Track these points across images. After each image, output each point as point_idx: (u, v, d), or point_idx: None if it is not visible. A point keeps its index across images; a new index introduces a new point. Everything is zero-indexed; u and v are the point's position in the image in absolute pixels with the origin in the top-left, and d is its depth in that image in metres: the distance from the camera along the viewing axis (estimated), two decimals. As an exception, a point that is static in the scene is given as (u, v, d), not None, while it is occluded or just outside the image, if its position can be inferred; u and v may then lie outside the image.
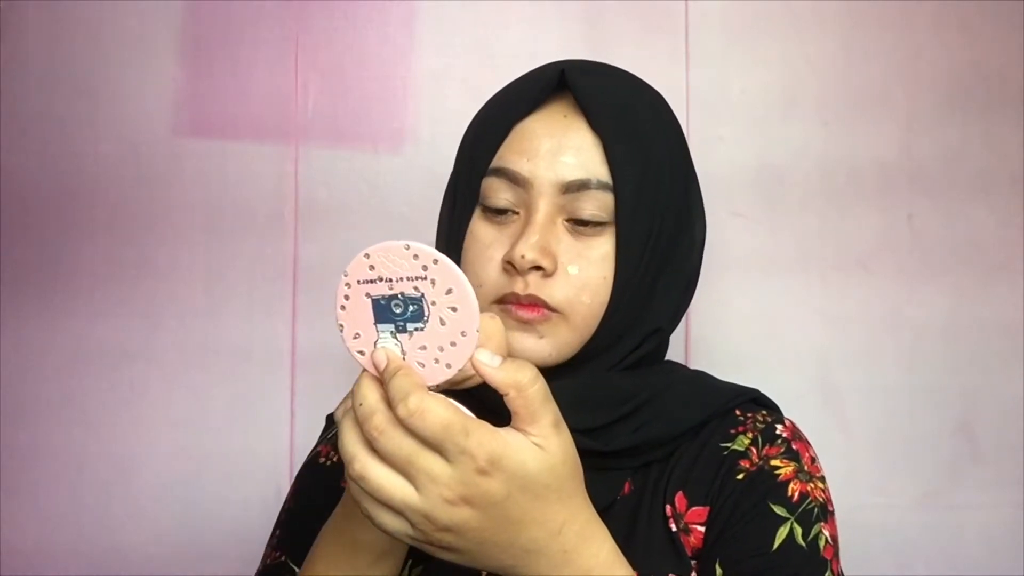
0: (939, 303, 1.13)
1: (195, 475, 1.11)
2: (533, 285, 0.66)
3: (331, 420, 0.84)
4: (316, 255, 1.12)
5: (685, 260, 0.73)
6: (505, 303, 0.67)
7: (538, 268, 0.66)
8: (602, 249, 0.68)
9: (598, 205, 0.67)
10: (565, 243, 0.68)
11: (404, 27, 1.14)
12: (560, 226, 0.68)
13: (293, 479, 0.82)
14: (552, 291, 0.67)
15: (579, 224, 0.67)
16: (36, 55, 1.13)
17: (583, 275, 0.67)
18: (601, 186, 0.67)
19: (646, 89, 0.75)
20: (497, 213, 0.69)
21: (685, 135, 0.77)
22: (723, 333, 1.12)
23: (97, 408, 1.12)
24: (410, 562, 0.72)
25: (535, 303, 0.66)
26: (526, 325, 0.67)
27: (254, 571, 0.77)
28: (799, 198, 1.13)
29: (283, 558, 0.73)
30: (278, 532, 0.79)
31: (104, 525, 1.11)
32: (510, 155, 0.69)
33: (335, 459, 0.79)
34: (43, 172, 1.13)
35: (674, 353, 0.79)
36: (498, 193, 0.69)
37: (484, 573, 0.70)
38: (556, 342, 0.67)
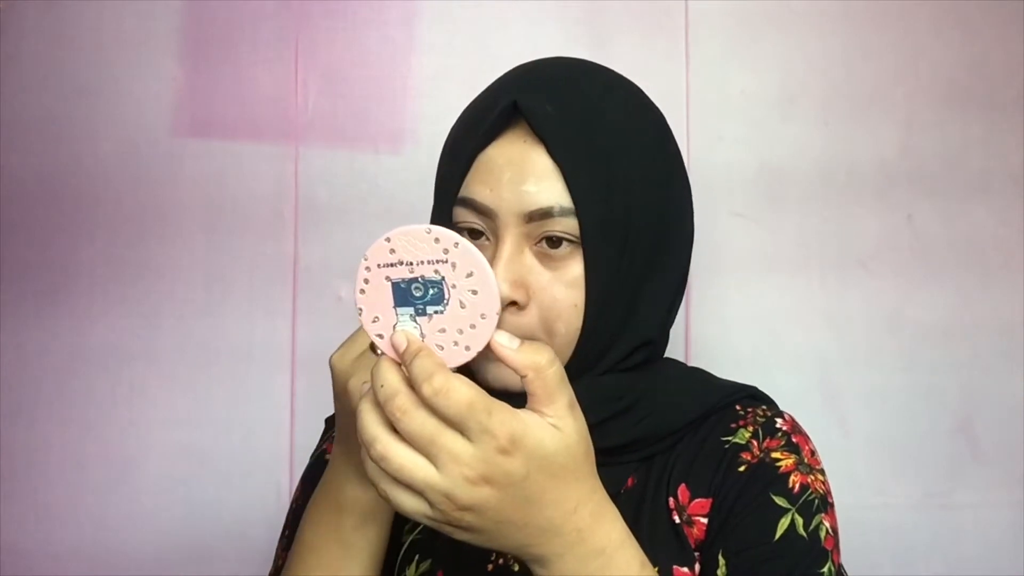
0: (939, 303, 1.13)
1: (195, 475, 1.11)
2: (506, 321, 0.65)
3: (331, 422, 0.84)
4: (316, 255, 1.12)
5: (671, 264, 0.72)
6: None
7: (512, 303, 0.66)
8: (572, 273, 0.67)
9: (563, 229, 0.66)
10: (536, 271, 0.67)
11: (404, 27, 1.14)
12: (528, 253, 0.67)
13: (297, 480, 0.82)
14: (525, 324, 0.67)
15: (547, 248, 0.67)
16: (36, 55, 1.13)
17: (555, 305, 0.67)
18: (565, 212, 0.66)
19: (615, 90, 0.72)
20: (470, 235, 0.69)
21: (670, 127, 0.74)
22: (723, 333, 1.12)
23: (97, 408, 1.12)
24: (417, 557, 0.73)
25: None
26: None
27: (254, 571, 0.77)
28: (799, 198, 1.13)
29: None
30: (287, 532, 0.79)
31: (104, 525, 1.11)
32: (474, 185, 0.68)
33: None
34: (43, 172, 1.13)
35: (674, 353, 0.78)
36: (467, 219, 0.68)
37: (490, 565, 0.71)
38: None
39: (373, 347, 0.59)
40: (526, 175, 0.66)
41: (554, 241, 0.66)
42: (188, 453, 1.11)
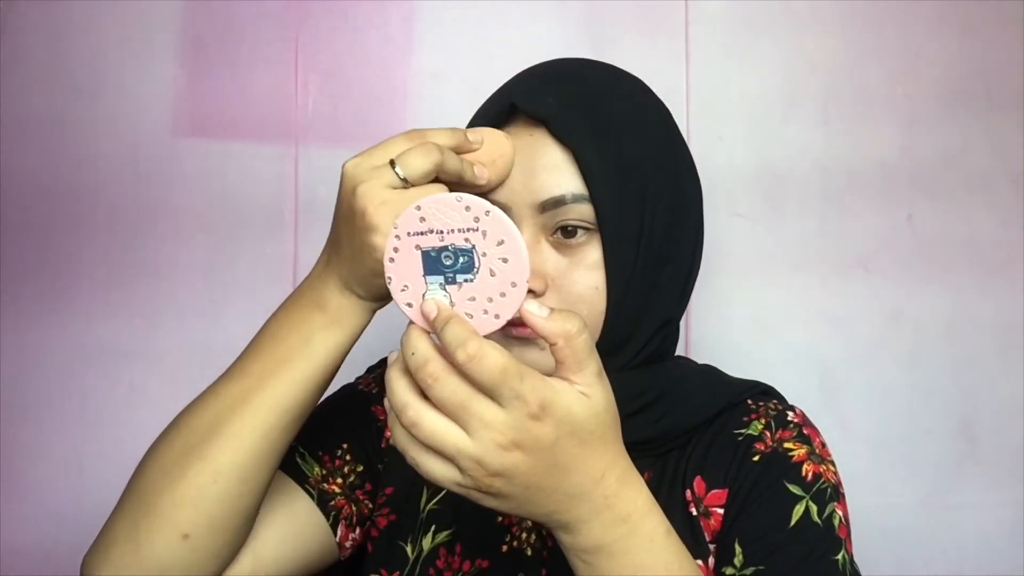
0: (939, 303, 1.13)
1: (195, 475, 1.11)
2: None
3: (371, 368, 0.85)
4: (316, 255, 1.11)
5: (686, 247, 0.73)
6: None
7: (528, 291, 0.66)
8: (590, 259, 0.68)
9: (578, 217, 0.67)
10: (552, 261, 0.68)
11: (404, 27, 1.14)
12: (545, 244, 0.68)
13: None
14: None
15: (563, 238, 0.67)
16: (36, 55, 1.13)
17: (575, 288, 0.68)
18: (577, 199, 0.66)
19: (620, 82, 0.73)
20: None
21: (674, 118, 0.75)
22: (723, 333, 1.12)
23: (97, 408, 1.12)
24: (434, 527, 0.74)
25: None
26: (526, 341, 0.67)
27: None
28: (799, 198, 1.13)
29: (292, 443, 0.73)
30: None
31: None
32: None
33: (375, 390, 0.81)
34: (43, 172, 1.13)
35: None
36: None
37: (504, 546, 0.72)
38: None
39: (392, 164, 0.60)
40: (535, 166, 0.67)
41: (569, 230, 0.67)
42: (188, 453, 1.11)
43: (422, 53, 1.14)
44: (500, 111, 0.70)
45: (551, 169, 0.67)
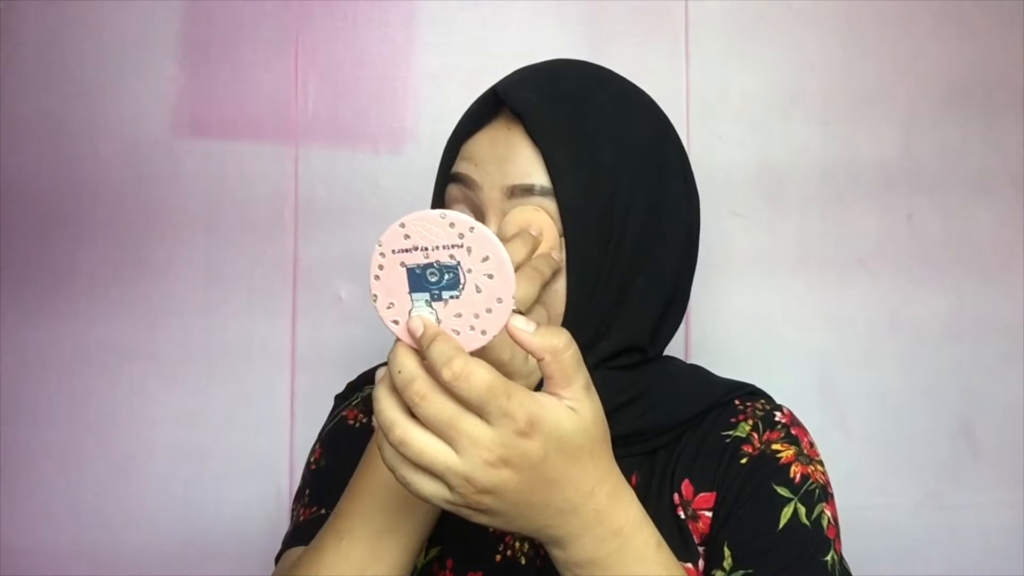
0: (939, 303, 1.13)
1: (195, 475, 1.11)
2: None
3: (343, 395, 0.84)
4: (316, 255, 1.12)
5: (662, 263, 0.71)
6: None
7: None
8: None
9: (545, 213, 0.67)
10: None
11: (404, 27, 1.14)
12: None
13: (298, 479, 0.82)
14: None
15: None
16: (36, 55, 1.13)
17: None
18: (545, 192, 0.67)
19: (609, 85, 0.73)
20: None
21: (675, 129, 0.74)
22: (723, 333, 1.12)
23: (97, 408, 1.12)
24: (427, 543, 0.73)
25: None
26: None
27: (254, 571, 0.77)
28: (799, 198, 1.13)
29: (323, 511, 0.72)
30: (308, 491, 0.78)
31: (104, 525, 1.11)
32: (460, 163, 0.71)
33: (364, 421, 0.80)
34: (43, 172, 1.13)
35: (674, 353, 0.78)
36: (455, 195, 0.70)
37: (498, 556, 0.72)
38: None
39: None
40: (509, 155, 0.68)
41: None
42: (188, 453, 1.11)
43: (422, 53, 1.14)
44: (486, 100, 0.71)
45: (523, 159, 0.67)
